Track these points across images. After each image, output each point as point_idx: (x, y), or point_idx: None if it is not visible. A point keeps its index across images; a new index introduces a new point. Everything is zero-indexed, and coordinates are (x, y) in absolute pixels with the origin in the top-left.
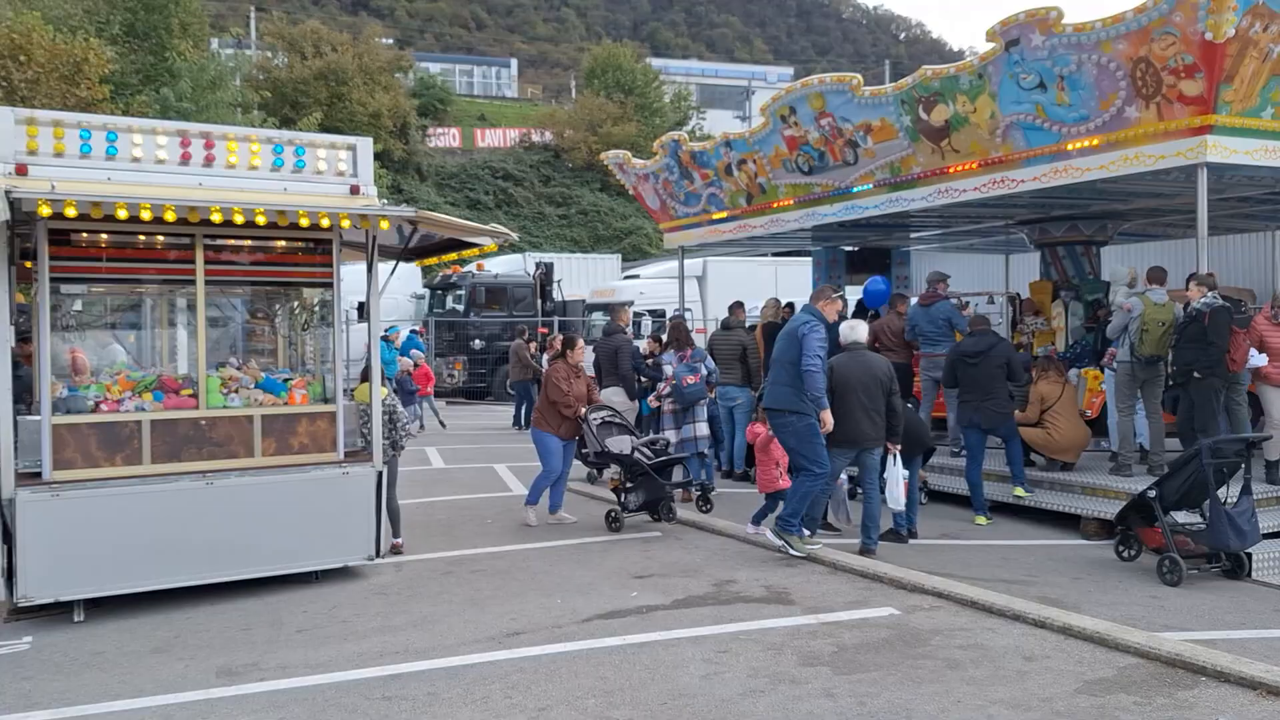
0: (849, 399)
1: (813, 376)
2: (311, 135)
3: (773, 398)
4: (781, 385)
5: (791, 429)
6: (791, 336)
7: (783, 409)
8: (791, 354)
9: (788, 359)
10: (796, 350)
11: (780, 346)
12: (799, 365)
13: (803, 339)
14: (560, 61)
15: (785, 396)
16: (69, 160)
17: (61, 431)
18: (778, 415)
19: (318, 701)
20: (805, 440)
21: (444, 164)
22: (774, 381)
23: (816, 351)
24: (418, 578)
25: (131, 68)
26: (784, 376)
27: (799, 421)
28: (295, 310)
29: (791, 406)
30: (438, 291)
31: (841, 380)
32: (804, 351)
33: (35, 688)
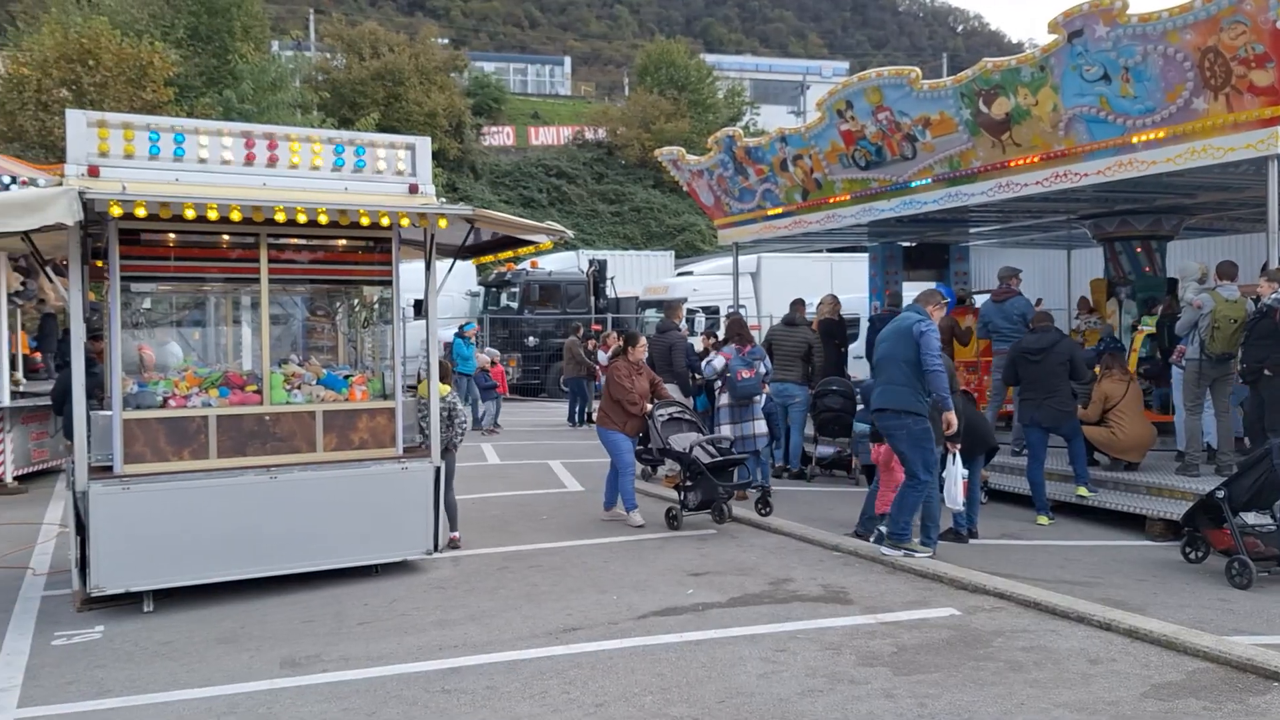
0: None
1: (938, 376)
2: (371, 135)
3: (887, 398)
4: (897, 385)
5: (907, 431)
6: (905, 335)
7: (901, 410)
8: (906, 353)
9: (902, 358)
10: (911, 349)
11: (889, 346)
12: (915, 365)
13: (920, 337)
14: (613, 58)
15: (903, 397)
16: (138, 161)
17: (132, 426)
18: (893, 417)
19: (378, 693)
20: (919, 444)
21: (498, 162)
22: (887, 382)
23: (937, 350)
24: (474, 573)
25: (195, 70)
26: (899, 376)
27: (916, 424)
28: (355, 308)
29: (910, 407)
30: (492, 289)
31: None
32: (924, 351)
33: (107, 675)
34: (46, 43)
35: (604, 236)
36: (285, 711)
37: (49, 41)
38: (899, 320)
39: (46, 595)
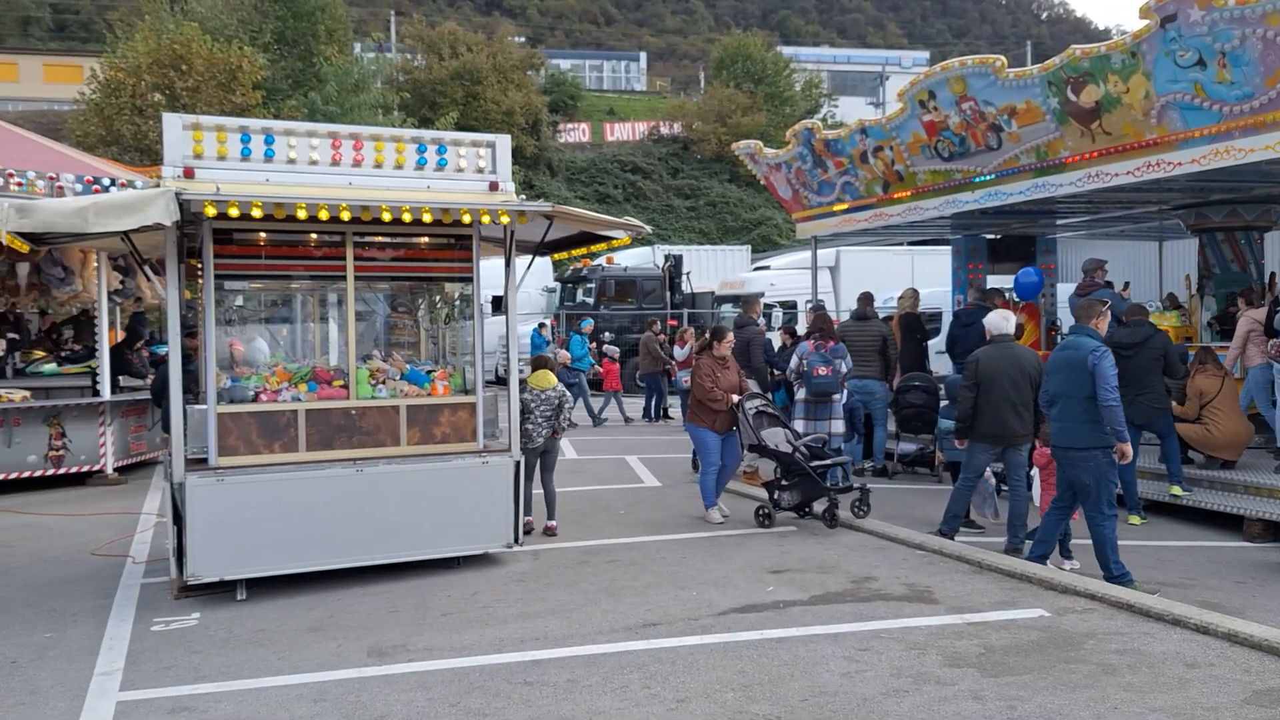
0: (995, 393)
1: (1114, 411)
2: (453, 134)
3: (1069, 436)
4: (1077, 423)
5: (1094, 465)
6: (1078, 368)
7: (1087, 447)
8: (1082, 389)
9: (1079, 395)
10: (1088, 382)
11: (1063, 380)
12: (1092, 399)
13: (1095, 369)
14: (689, 53)
15: (1085, 434)
16: (231, 163)
17: (225, 420)
18: (1079, 453)
19: (462, 684)
20: (1106, 479)
21: (574, 159)
22: (1065, 419)
23: (1113, 381)
24: (554, 566)
25: (281, 73)
26: (1077, 413)
27: (1103, 457)
28: (436, 304)
29: (1097, 443)
30: (568, 285)
31: (988, 373)
32: (1100, 384)
33: (203, 661)
34: (141, 49)
35: (679, 231)
36: (374, 700)
37: (143, 47)
38: (1072, 350)
39: (146, 583)
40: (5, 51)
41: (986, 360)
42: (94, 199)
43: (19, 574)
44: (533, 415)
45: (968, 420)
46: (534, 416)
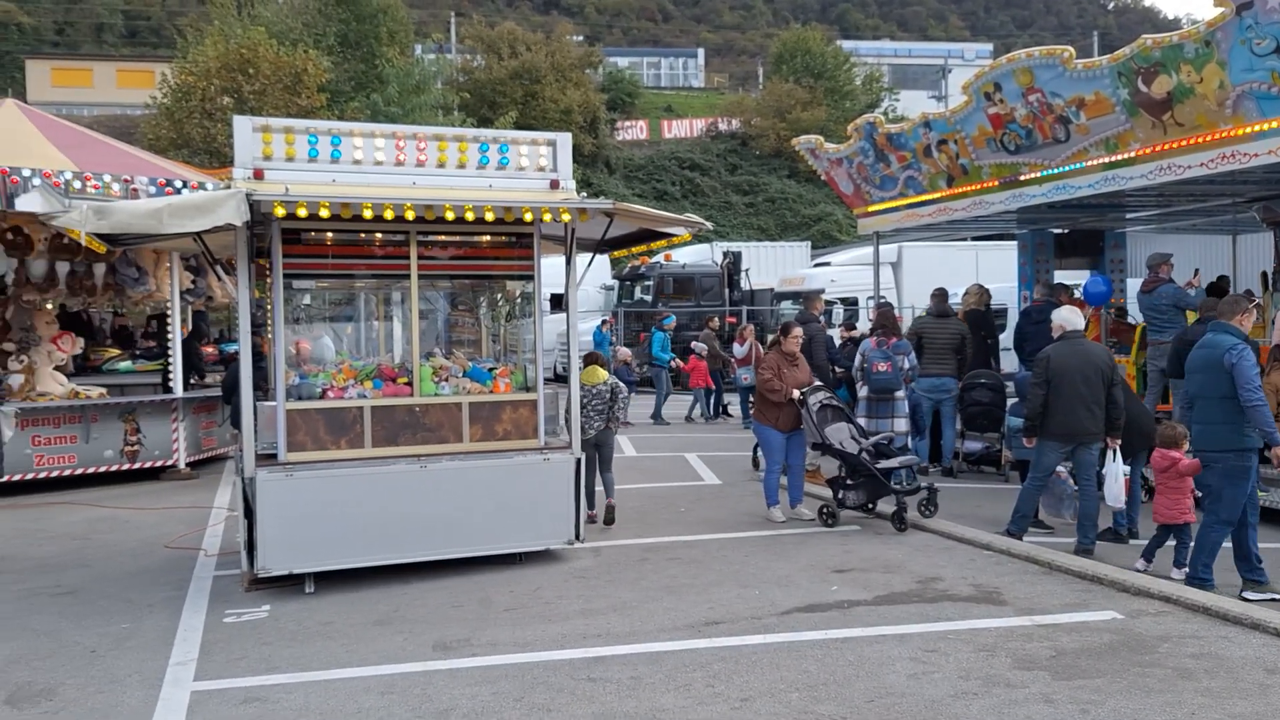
0: (1066, 390)
1: (1260, 411)
2: (514, 133)
3: (1206, 438)
4: (1215, 425)
5: (1223, 467)
6: (1215, 368)
7: (1221, 449)
8: (1220, 388)
9: (1217, 395)
10: (1225, 382)
11: (1201, 380)
12: (1232, 399)
13: (1234, 368)
14: (747, 49)
15: (1223, 436)
16: (298, 164)
17: (294, 416)
18: (1212, 455)
19: (526, 679)
20: (1240, 484)
21: (631, 156)
22: (1204, 420)
23: (1255, 380)
24: (615, 563)
25: (345, 75)
26: (1216, 414)
27: (1241, 461)
28: (498, 302)
29: (1230, 445)
30: (626, 282)
31: (1059, 370)
32: (1240, 384)
33: (274, 653)
34: (210, 53)
35: (738, 228)
36: (439, 693)
37: (212, 52)
38: (1209, 349)
39: (218, 575)
40: (80, 58)
41: (1057, 357)
42: (168, 200)
43: (97, 565)
44: (585, 409)
45: (1037, 418)
46: (586, 410)
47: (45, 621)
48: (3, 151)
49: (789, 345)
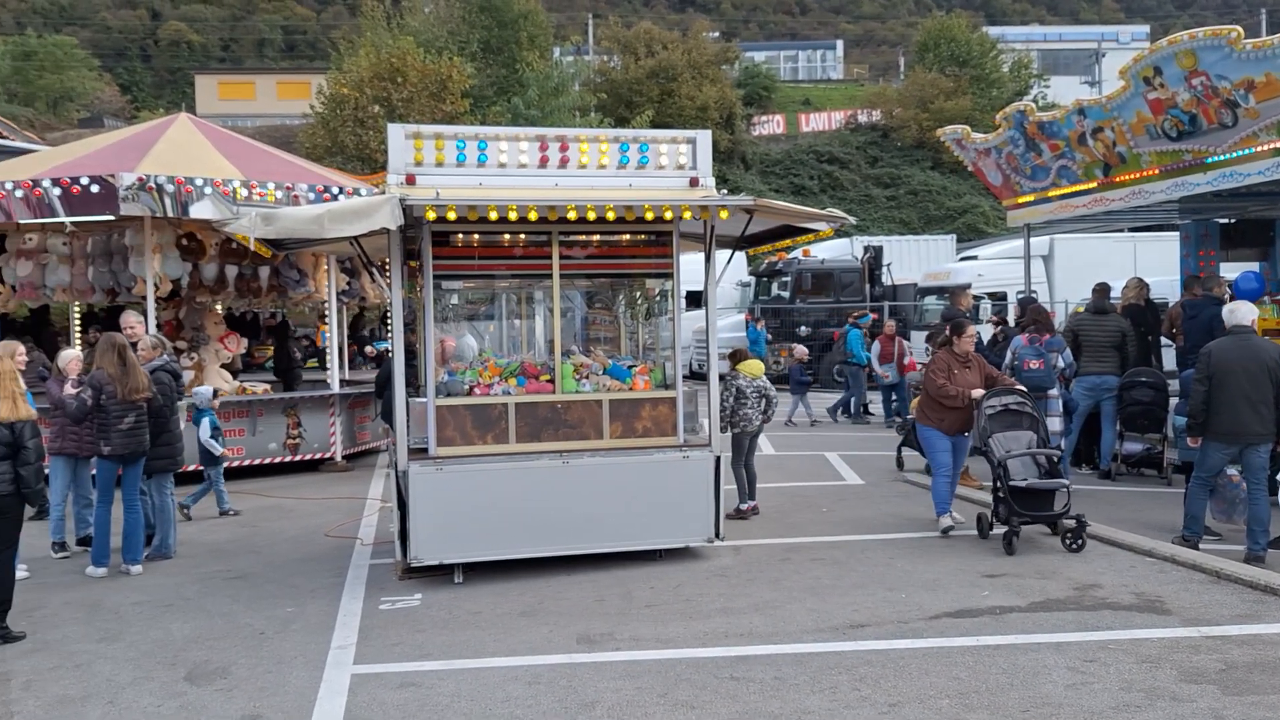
0: (1230, 388)
1: None
2: (654, 132)
3: None
4: None
5: None
6: None
7: None
8: None
9: None
10: None
11: None
12: None
13: None
14: (887, 39)
15: None
16: (448, 169)
17: (443, 412)
18: None
19: (669, 675)
20: None
21: (768, 151)
22: None
23: None
24: (756, 562)
25: (487, 80)
26: None
27: None
28: (637, 300)
29: None
30: (763, 279)
31: (1222, 367)
32: None
33: (427, 640)
34: (362, 63)
35: (878, 222)
36: (584, 685)
37: (364, 62)
38: None
39: (373, 564)
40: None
41: (1220, 353)
42: (328, 206)
43: (264, 552)
44: (749, 401)
45: (1200, 417)
46: (749, 402)
47: (219, 604)
48: (178, 162)
49: (963, 345)
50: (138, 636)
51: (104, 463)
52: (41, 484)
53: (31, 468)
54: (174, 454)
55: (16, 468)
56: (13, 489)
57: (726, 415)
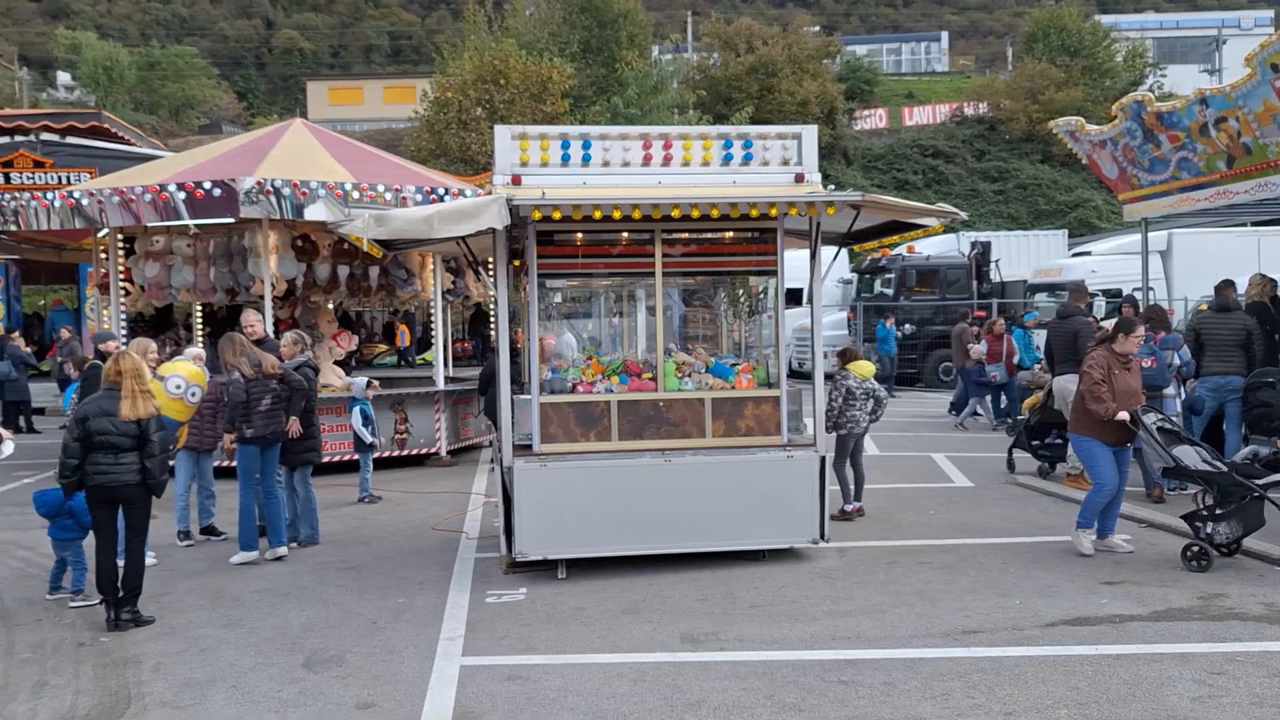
0: None
1: None
2: (759, 128)
3: None
4: None
5: None
6: None
7: None
8: None
9: None
10: None
11: None
12: None
13: None
14: (994, 29)
15: None
16: (552, 168)
17: (547, 409)
18: None
19: (776, 677)
20: None
21: (870, 146)
22: None
23: None
24: (862, 565)
25: (586, 80)
26: None
27: None
28: (739, 297)
29: None
30: (865, 275)
31: None
32: None
33: (532, 634)
34: (466, 66)
35: (985, 217)
36: (689, 684)
37: (467, 65)
38: None
39: (478, 558)
40: (352, 77)
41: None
42: (437, 208)
43: (374, 544)
44: (857, 402)
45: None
46: (857, 403)
47: (334, 594)
48: (293, 166)
49: (1128, 345)
50: (258, 623)
51: (245, 448)
52: (166, 475)
53: (156, 459)
54: (315, 447)
55: (143, 459)
56: (139, 479)
57: (833, 416)
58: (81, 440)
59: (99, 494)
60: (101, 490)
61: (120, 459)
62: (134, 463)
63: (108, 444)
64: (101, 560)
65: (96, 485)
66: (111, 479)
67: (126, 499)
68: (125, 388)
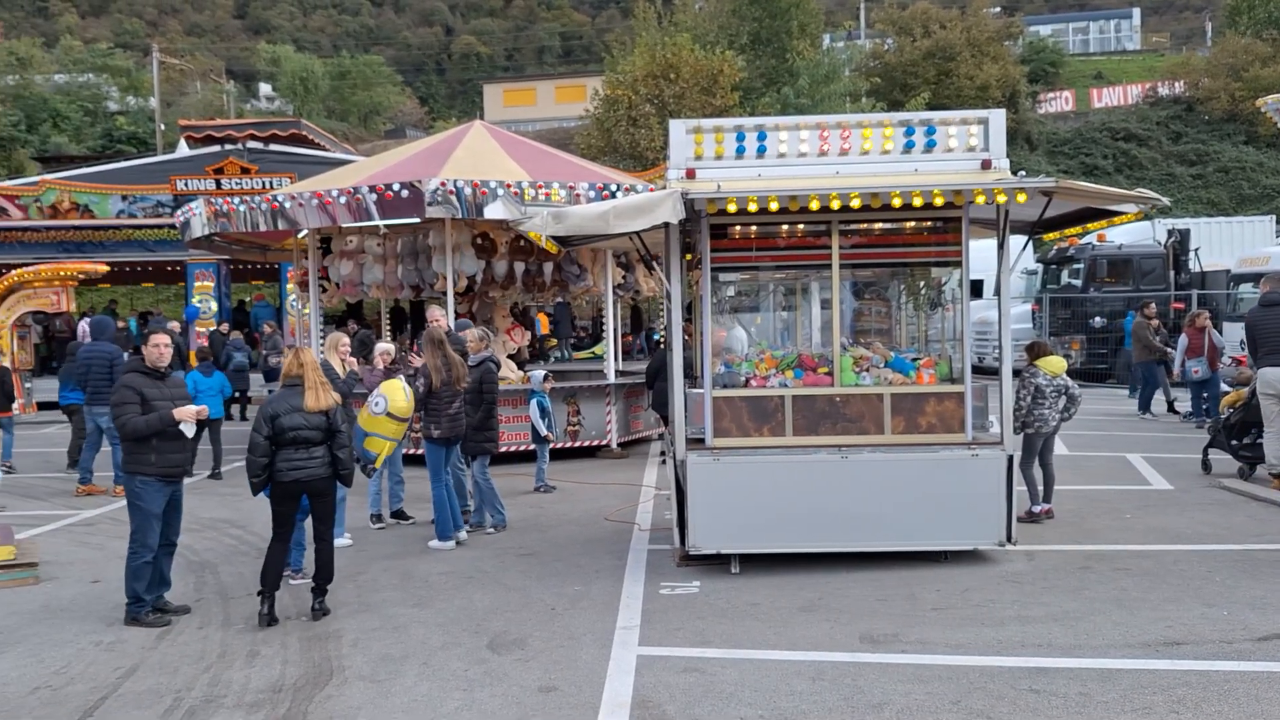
0: None
1: None
2: (942, 114)
3: None
4: None
5: None
6: None
7: None
8: None
9: None
10: None
11: None
12: None
13: None
14: (1190, 4)
15: None
16: (726, 161)
17: (720, 404)
18: None
19: (962, 682)
20: None
21: (1055, 130)
22: None
23: None
24: (1052, 569)
25: (756, 72)
26: None
27: None
28: (920, 289)
29: None
30: (1052, 266)
31: None
32: None
33: (707, 627)
34: (638, 63)
35: (1182, 203)
36: (870, 686)
37: (639, 61)
38: None
39: (651, 549)
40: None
41: None
42: (613, 203)
43: (550, 532)
44: (1047, 400)
45: None
46: (1047, 401)
47: (514, 579)
48: (474, 167)
49: None
50: (445, 604)
51: (433, 446)
52: (354, 465)
53: (345, 450)
54: (493, 438)
55: (332, 451)
56: (329, 471)
57: (1021, 414)
58: (271, 438)
59: (292, 489)
60: (296, 485)
61: (312, 453)
62: (324, 456)
63: (300, 439)
64: (274, 551)
65: (291, 481)
66: (306, 473)
67: (317, 491)
68: (308, 379)
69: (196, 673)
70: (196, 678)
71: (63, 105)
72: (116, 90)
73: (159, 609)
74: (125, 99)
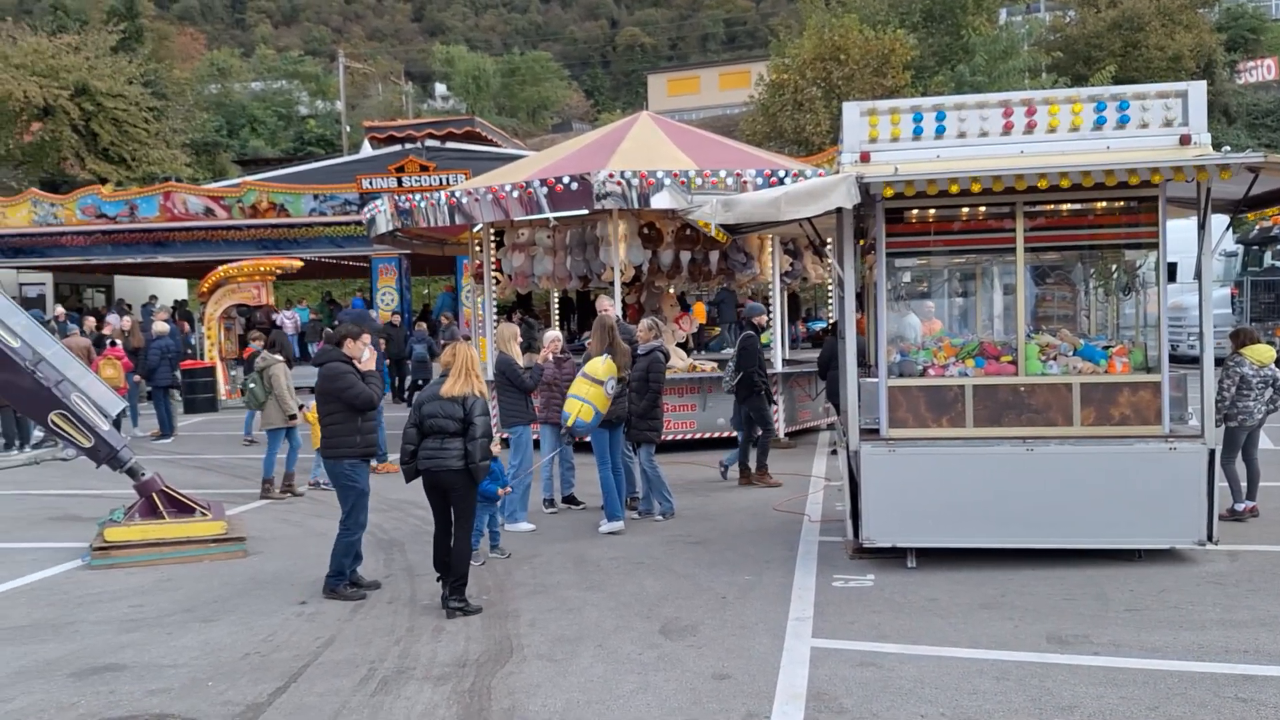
0: None
1: None
2: (1136, 87)
3: None
4: None
5: None
6: None
7: None
8: None
9: None
10: None
11: None
12: None
13: None
14: None
15: None
16: (903, 143)
17: (895, 393)
18: None
19: (1159, 688)
20: None
21: (1256, 101)
22: None
23: None
24: (1258, 570)
25: (928, 50)
26: None
27: None
28: (1112, 273)
29: None
30: (1254, 247)
31: None
32: None
33: (882, 622)
34: (806, 46)
35: None
36: (1059, 688)
37: (808, 44)
38: None
39: (822, 540)
40: (689, 67)
41: None
42: (784, 190)
43: (718, 520)
44: (1253, 391)
45: None
46: (1253, 392)
47: (683, 566)
48: (641, 157)
49: None
50: (617, 589)
51: (596, 431)
52: (488, 460)
53: (478, 443)
54: (657, 426)
55: (466, 444)
56: (463, 465)
57: (1224, 406)
58: (417, 425)
59: (427, 479)
60: (429, 475)
61: (445, 444)
62: (458, 448)
63: (436, 428)
64: (435, 540)
65: (425, 470)
66: (437, 464)
67: (450, 486)
68: (455, 368)
69: (388, 645)
70: (388, 650)
71: (259, 110)
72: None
73: (354, 583)
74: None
